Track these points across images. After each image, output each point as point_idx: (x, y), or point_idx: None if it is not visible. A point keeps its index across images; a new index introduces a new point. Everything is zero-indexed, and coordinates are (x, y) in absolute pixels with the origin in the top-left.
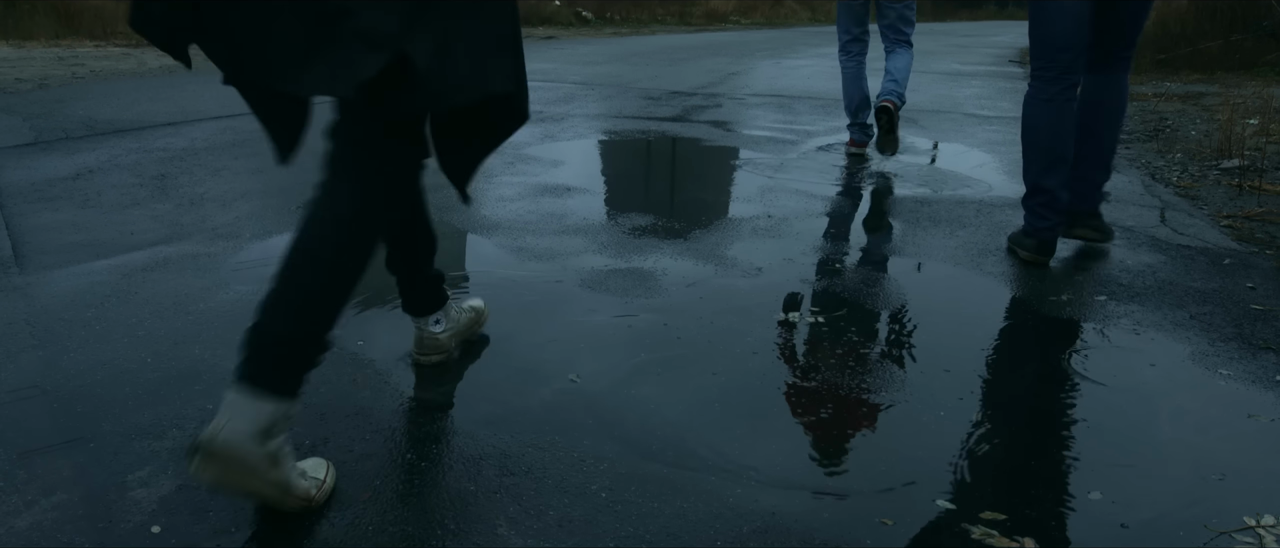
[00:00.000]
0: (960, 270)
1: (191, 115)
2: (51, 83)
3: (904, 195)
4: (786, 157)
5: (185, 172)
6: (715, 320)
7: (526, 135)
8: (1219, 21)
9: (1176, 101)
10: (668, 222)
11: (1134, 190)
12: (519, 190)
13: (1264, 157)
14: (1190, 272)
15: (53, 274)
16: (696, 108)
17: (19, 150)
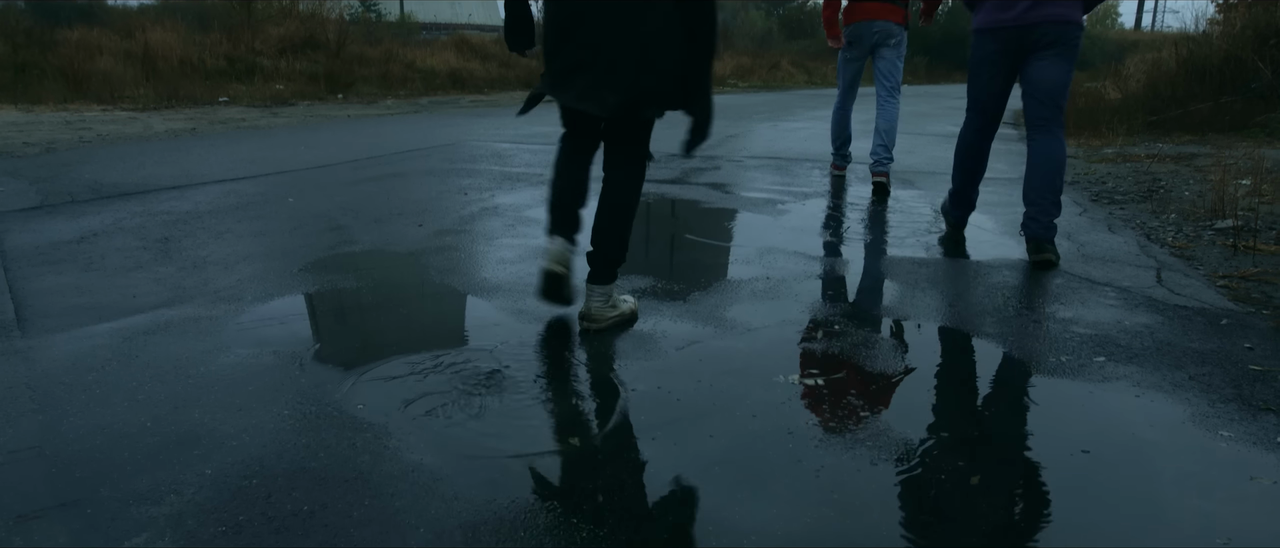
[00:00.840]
0: (958, 332)
1: (196, 179)
2: (58, 146)
3: (901, 257)
4: (785, 219)
5: (189, 235)
6: (714, 383)
7: (527, 198)
8: (1208, 84)
9: (1169, 162)
10: (667, 283)
11: (1129, 251)
12: (519, 253)
13: (1257, 217)
14: (1188, 332)
15: (54, 338)
16: (695, 170)
17: (25, 214)
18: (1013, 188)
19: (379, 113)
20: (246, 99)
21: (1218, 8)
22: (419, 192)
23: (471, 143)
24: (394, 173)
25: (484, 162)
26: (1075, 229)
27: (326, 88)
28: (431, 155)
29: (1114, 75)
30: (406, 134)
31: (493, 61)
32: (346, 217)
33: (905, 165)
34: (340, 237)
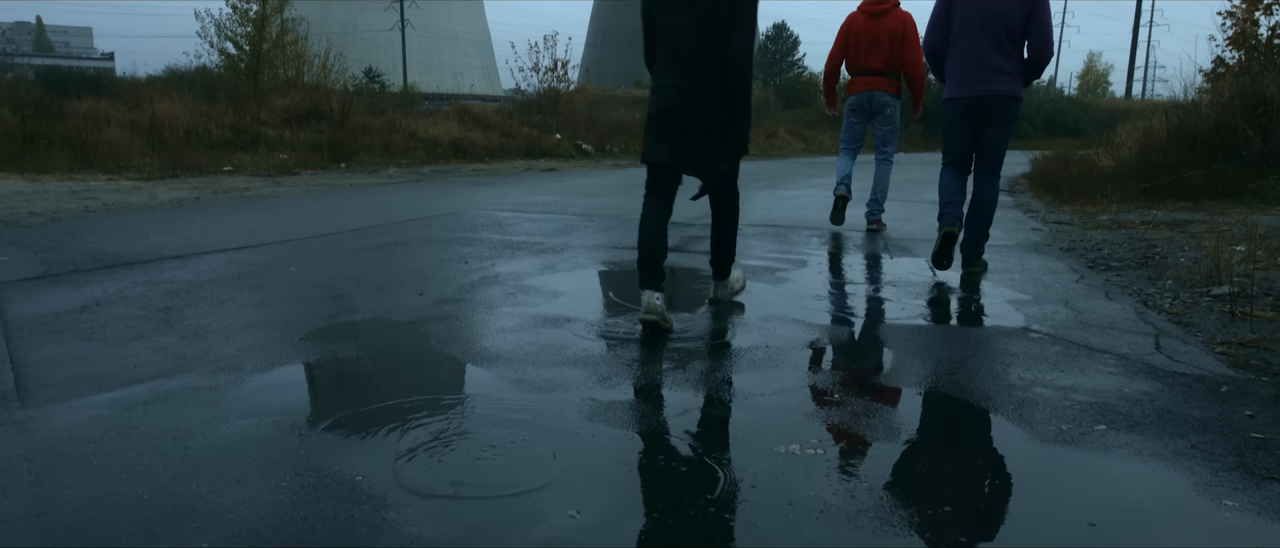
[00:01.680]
0: (958, 400)
1: (199, 248)
2: (64, 216)
3: (902, 325)
4: (784, 286)
5: (190, 304)
6: (714, 452)
7: (527, 266)
8: (1199, 151)
9: (1163, 229)
10: (666, 352)
11: (1127, 317)
12: (520, 321)
13: (1253, 283)
14: (1188, 400)
15: (53, 408)
16: (694, 238)
17: (28, 283)
18: (1011, 254)
19: (381, 182)
20: (250, 168)
21: (1206, 77)
22: (420, 260)
23: (472, 212)
24: (395, 241)
25: (485, 230)
26: (1073, 296)
27: (330, 157)
28: (432, 224)
29: (1106, 143)
30: (408, 203)
31: (494, 131)
32: (348, 285)
33: (903, 232)
34: (341, 305)
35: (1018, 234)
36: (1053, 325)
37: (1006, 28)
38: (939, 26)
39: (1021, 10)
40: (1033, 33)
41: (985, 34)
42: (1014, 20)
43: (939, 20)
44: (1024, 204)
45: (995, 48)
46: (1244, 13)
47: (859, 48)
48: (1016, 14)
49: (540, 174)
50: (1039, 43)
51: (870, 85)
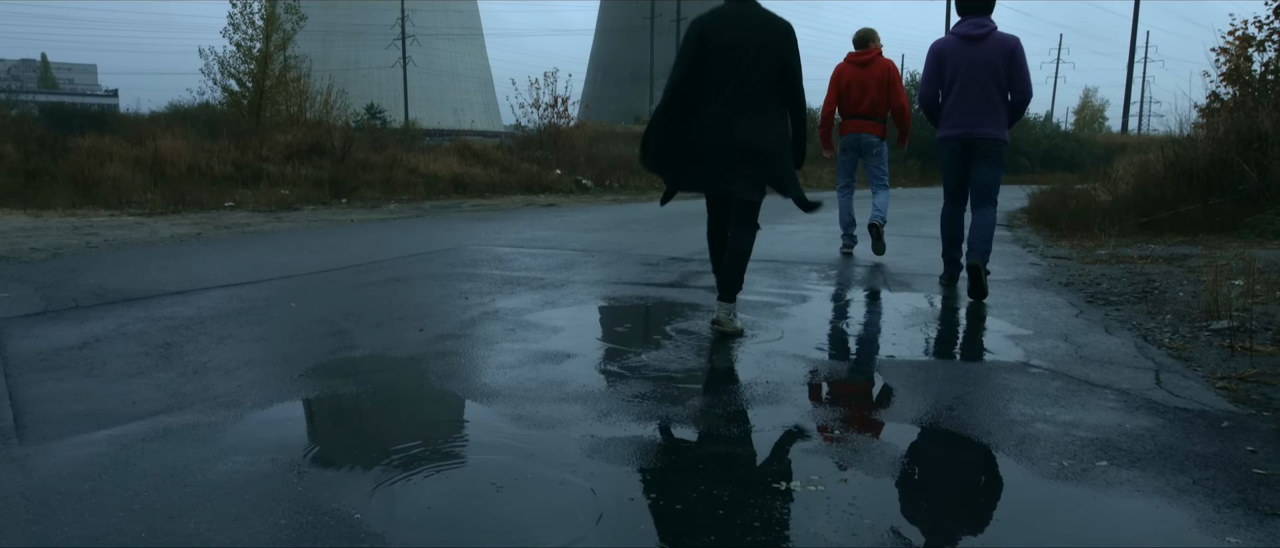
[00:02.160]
0: (959, 436)
1: (200, 284)
2: (65, 252)
3: (902, 360)
4: (783, 322)
5: (190, 340)
6: (715, 490)
7: (527, 302)
8: (1196, 185)
9: (1162, 263)
10: (666, 388)
11: (1127, 352)
12: (519, 358)
13: (1252, 317)
14: (1189, 435)
15: (52, 445)
16: (694, 273)
17: (29, 319)
18: (1010, 288)
19: (382, 217)
20: (252, 204)
21: (1201, 112)
22: (420, 296)
23: (473, 247)
24: (395, 277)
25: (485, 266)
26: (1072, 330)
27: (331, 193)
28: (433, 260)
29: (1103, 178)
30: (408, 238)
31: (494, 167)
32: (348, 321)
33: (902, 268)
34: (341, 341)
35: (1017, 269)
36: (1053, 360)
37: (991, 76)
38: (932, 79)
39: (1002, 61)
40: (1013, 79)
41: (972, 82)
42: (997, 69)
43: (932, 74)
44: (1022, 238)
45: (981, 94)
46: (1237, 49)
47: (850, 95)
48: (999, 64)
49: (540, 209)
50: (1019, 88)
51: (859, 128)
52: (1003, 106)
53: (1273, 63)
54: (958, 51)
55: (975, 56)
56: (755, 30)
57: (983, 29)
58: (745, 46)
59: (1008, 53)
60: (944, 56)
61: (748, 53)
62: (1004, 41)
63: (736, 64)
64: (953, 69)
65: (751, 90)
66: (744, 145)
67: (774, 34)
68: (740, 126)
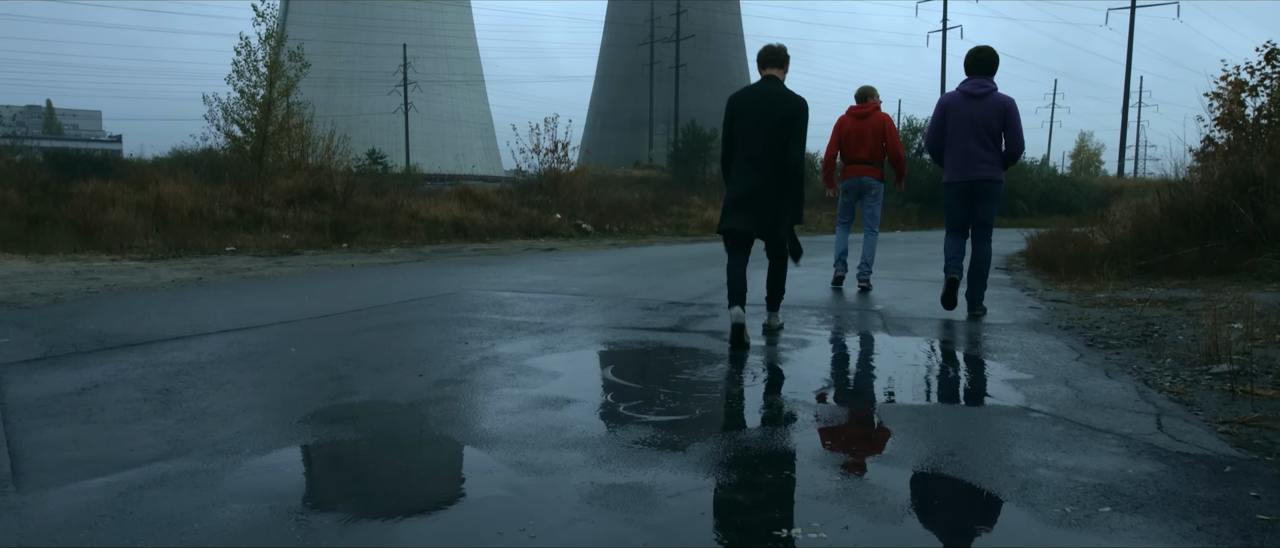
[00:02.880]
0: (961, 482)
1: (200, 329)
2: (66, 297)
3: (904, 405)
4: (784, 366)
5: (190, 385)
6: (717, 537)
7: (527, 347)
8: (1193, 229)
9: (1161, 307)
10: (666, 434)
11: (1128, 396)
12: (519, 403)
13: (1252, 361)
14: (1192, 481)
15: (49, 493)
16: (694, 318)
17: (28, 365)
18: (1010, 332)
19: (383, 262)
20: (253, 248)
21: (1196, 156)
22: (420, 341)
23: (473, 292)
24: (396, 322)
25: (485, 310)
26: (1073, 375)
27: (332, 237)
28: (433, 304)
29: (1101, 221)
30: (409, 283)
31: (495, 211)
32: (348, 367)
33: (901, 311)
34: (341, 387)
35: (1016, 312)
36: (1054, 405)
37: (987, 129)
38: (937, 129)
39: (997, 116)
40: (1007, 133)
41: (971, 134)
42: (992, 123)
43: (937, 124)
44: (1021, 282)
45: (979, 144)
46: (1230, 94)
47: (850, 143)
48: (994, 119)
49: (540, 254)
50: (1012, 141)
51: (859, 172)
52: (998, 155)
53: (1265, 107)
54: (961, 106)
55: (975, 112)
56: (771, 108)
57: (984, 89)
58: (764, 119)
59: (1003, 111)
60: (949, 110)
61: (765, 125)
62: (1001, 101)
63: (756, 134)
64: (955, 121)
65: (768, 155)
66: (757, 197)
67: (789, 110)
68: (759, 184)
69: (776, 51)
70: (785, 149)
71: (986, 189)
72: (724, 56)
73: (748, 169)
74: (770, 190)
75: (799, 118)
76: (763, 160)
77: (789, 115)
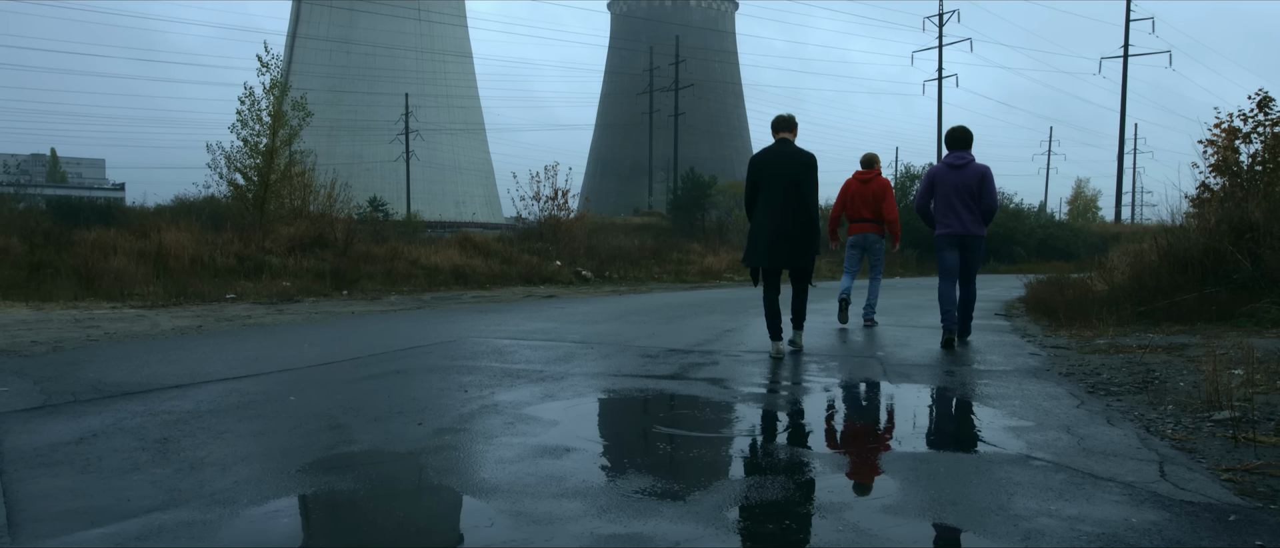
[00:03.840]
0: (966, 533)
1: (199, 377)
2: (66, 345)
3: (905, 452)
4: (783, 414)
5: (188, 434)
6: None
7: (526, 395)
8: (1191, 274)
9: (1161, 353)
10: (667, 483)
11: (1130, 444)
12: (518, 452)
13: (1254, 408)
14: (1197, 530)
15: (46, 544)
16: (694, 365)
17: (26, 414)
18: (1010, 379)
19: (383, 309)
20: (253, 296)
21: (1192, 202)
22: (419, 389)
23: (473, 339)
24: (395, 370)
25: (484, 358)
26: (1074, 422)
27: (332, 284)
28: (433, 352)
29: (1099, 267)
30: (409, 330)
31: (495, 258)
32: (347, 415)
33: (902, 358)
34: (339, 436)
35: (1016, 359)
36: (1055, 452)
37: (969, 193)
38: (927, 194)
39: (976, 183)
40: (983, 196)
41: (957, 198)
42: (973, 188)
43: (927, 190)
44: (1021, 328)
45: (964, 206)
46: (1224, 141)
47: (854, 204)
48: (974, 185)
49: (540, 301)
50: (987, 202)
51: (863, 229)
52: (979, 215)
53: (1260, 154)
54: (946, 176)
55: (958, 180)
56: (788, 163)
57: (963, 161)
58: (782, 173)
59: (980, 178)
60: (937, 179)
61: (784, 177)
62: (979, 170)
63: (777, 186)
64: (942, 188)
65: (787, 201)
66: (785, 236)
67: (801, 164)
68: (782, 225)
69: (787, 120)
70: (800, 196)
71: (972, 243)
72: (722, 105)
73: (771, 215)
74: (792, 229)
75: (811, 169)
76: (783, 207)
77: (802, 168)
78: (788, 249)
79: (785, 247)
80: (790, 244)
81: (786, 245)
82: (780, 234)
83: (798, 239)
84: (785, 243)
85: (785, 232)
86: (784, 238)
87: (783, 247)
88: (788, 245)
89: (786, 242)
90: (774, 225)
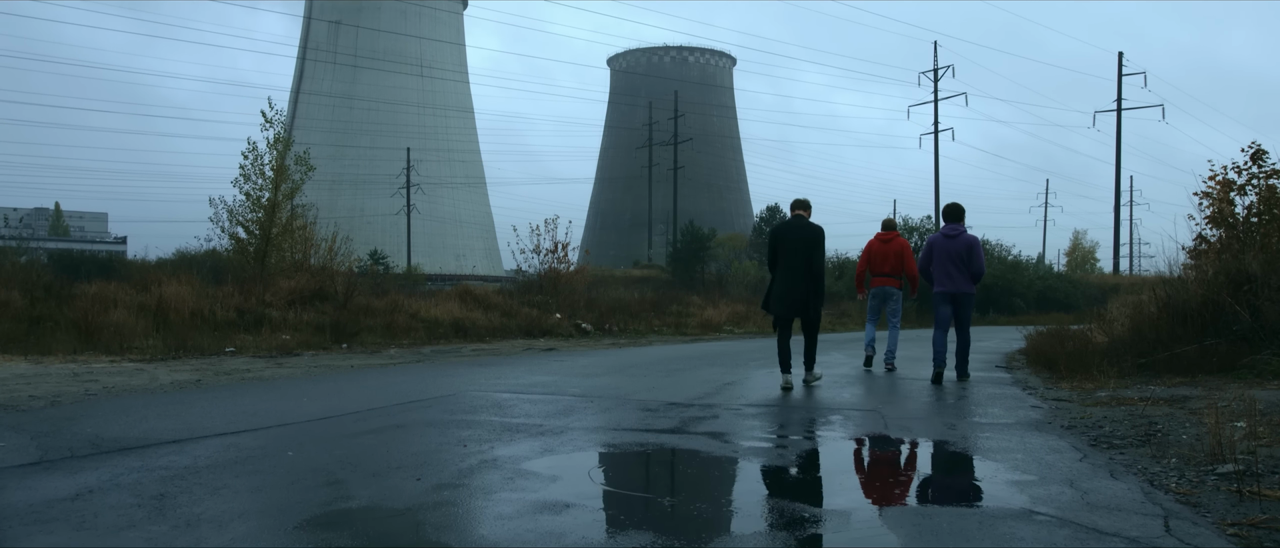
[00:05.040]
0: None
1: (197, 432)
2: (63, 399)
3: (908, 508)
4: (784, 469)
5: (185, 490)
6: None
7: (526, 449)
8: (1191, 326)
9: (1163, 405)
10: (667, 539)
11: (1134, 498)
12: (517, 507)
13: (1258, 460)
14: None
15: None
16: (694, 419)
17: (22, 470)
18: (1012, 432)
19: (382, 363)
20: (252, 349)
21: (1189, 253)
22: (418, 444)
23: (472, 393)
24: (394, 425)
25: (484, 412)
26: (1077, 475)
27: (332, 338)
28: (432, 406)
29: (1098, 318)
30: (408, 384)
31: (495, 311)
32: (345, 470)
33: (903, 412)
34: (337, 492)
35: (1018, 411)
36: (1059, 507)
37: (961, 258)
38: (925, 258)
39: (966, 250)
40: (972, 262)
41: (950, 261)
42: (963, 255)
43: (927, 255)
44: (1022, 380)
45: (957, 269)
46: (1219, 193)
47: (876, 262)
48: (964, 252)
49: (540, 354)
50: (975, 266)
51: (884, 283)
52: (969, 275)
53: (1255, 206)
54: (942, 243)
55: (952, 248)
56: (802, 235)
57: (957, 232)
58: (796, 243)
59: (969, 246)
60: (934, 246)
61: (799, 246)
62: (968, 240)
63: (792, 252)
64: (938, 254)
65: (800, 267)
66: (797, 292)
67: (812, 237)
68: (794, 284)
69: (803, 201)
70: (810, 262)
71: (963, 298)
72: (721, 158)
73: (789, 275)
74: (804, 287)
75: (820, 241)
76: (798, 268)
77: (813, 240)
78: (799, 302)
79: (798, 300)
80: (801, 298)
81: (799, 299)
82: (793, 290)
83: (807, 295)
84: (798, 297)
85: (797, 289)
86: (796, 293)
87: (795, 300)
88: (800, 299)
89: (799, 296)
90: (789, 284)
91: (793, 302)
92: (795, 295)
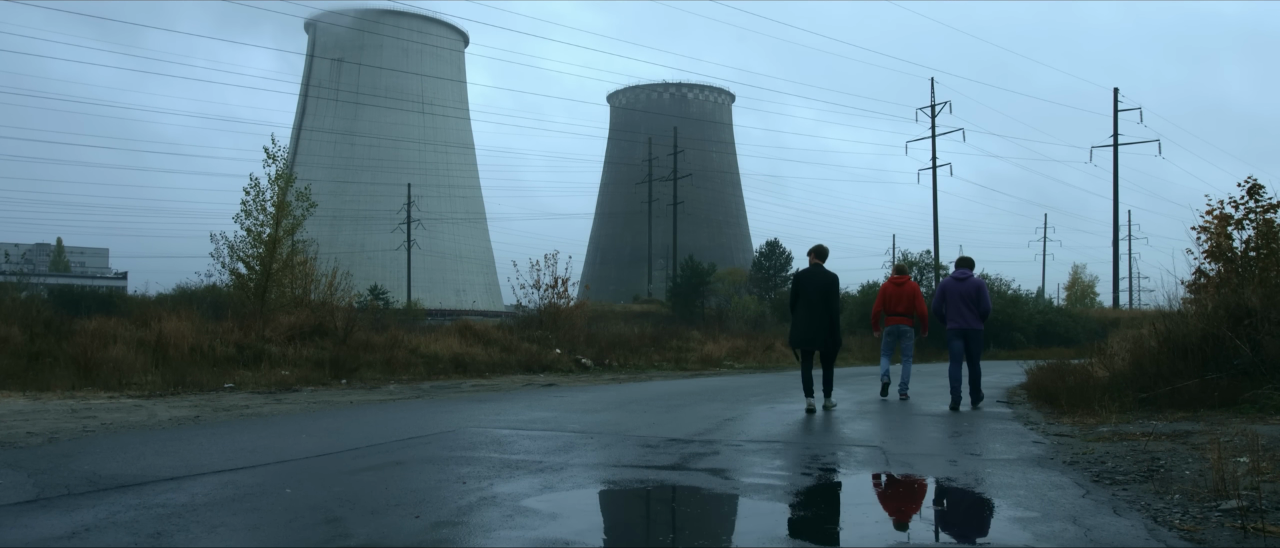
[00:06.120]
0: None
1: (195, 469)
2: (61, 436)
3: (911, 546)
4: (786, 506)
5: (182, 529)
6: None
7: (525, 486)
8: (1191, 361)
9: (1165, 441)
10: None
11: (1138, 535)
12: (517, 545)
13: (1261, 496)
14: None
15: None
16: (694, 455)
17: (18, 508)
18: (1014, 468)
19: (381, 398)
20: (251, 385)
21: (1188, 287)
22: (417, 480)
23: (471, 429)
24: (393, 461)
25: (483, 449)
26: (1080, 512)
27: (331, 373)
28: (431, 443)
29: (1099, 353)
30: (407, 421)
31: (495, 346)
32: (343, 508)
33: (905, 450)
34: (335, 530)
35: (1019, 447)
36: (1062, 543)
37: (970, 298)
38: (939, 299)
39: (974, 292)
40: (980, 302)
41: (961, 302)
42: (972, 296)
43: (939, 298)
44: (1023, 415)
45: (966, 308)
46: (1217, 228)
47: (891, 302)
48: (973, 293)
49: (540, 389)
50: (983, 305)
51: (898, 322)
52: (977, 314)
53: (1253, 240)
54: (953, 286)
55: (962, 290)
56: (819, 280)
57: (966, 276)
58: (814, 287)
59: (977, 288)
60: (946, 289)
61: (816, 290)
62: (976, 283)
63: (810, 295)
64: (950, 295)
65: (818, 306)
66: (815, 328)
67: (827, 281)
68: (814, 321)
69: (820, 249)
70: (826, 303)
71: (973, 334)
72: (721, 194)
73: (809, 314)
74: (820, 324)
75: (834, 286)
76: (817, 307)
77: (828, 285)
78: (817, 336)
79: (816, 335)
80: (819, 334)
81: (817, 334)
82: (811, 326)
83: (824, 331)
84: (816, 332)
85: (815, 325)
86: (814, 330)
87: (815, 335)
88: (817, 334)
89: (816, 332)
90: (808, 321)
91: (813, 337)
92: (813, 331)
